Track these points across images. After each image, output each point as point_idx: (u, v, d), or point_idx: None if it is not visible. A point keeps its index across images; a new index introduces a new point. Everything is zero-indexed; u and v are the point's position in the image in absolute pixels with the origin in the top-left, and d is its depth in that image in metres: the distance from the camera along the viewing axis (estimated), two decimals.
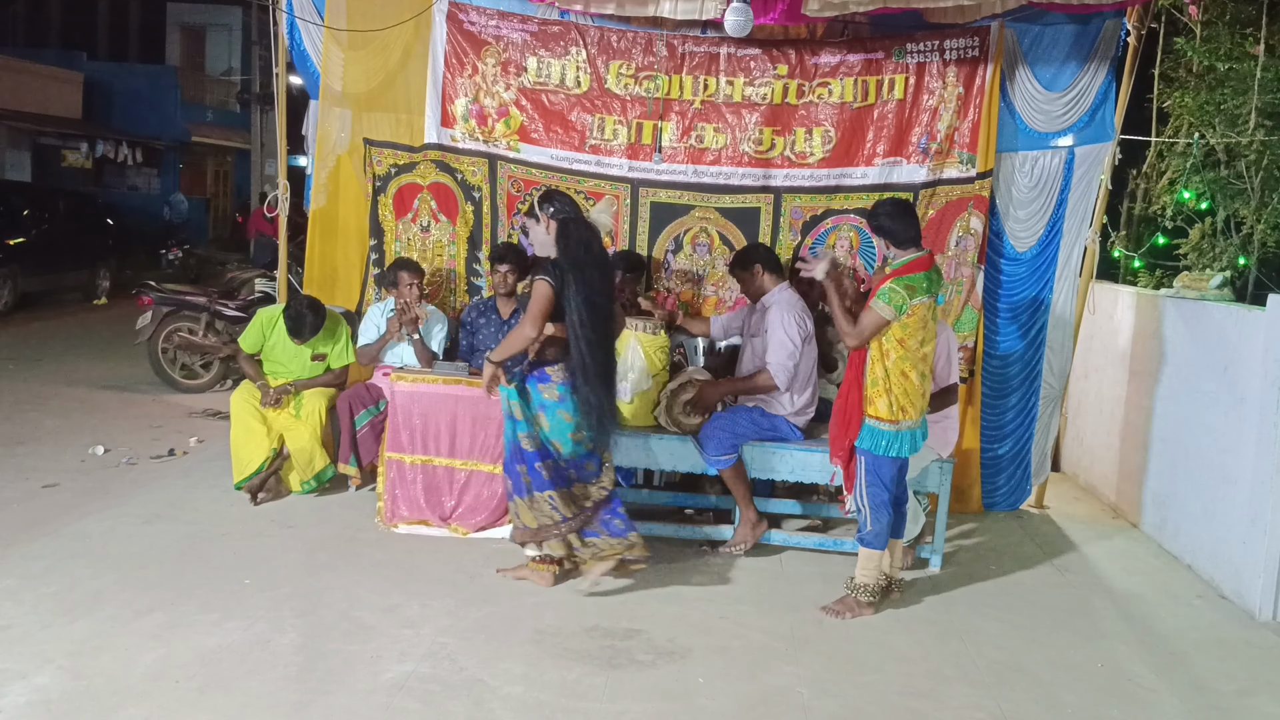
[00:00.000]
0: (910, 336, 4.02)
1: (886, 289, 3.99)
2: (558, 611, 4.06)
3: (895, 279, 4.01)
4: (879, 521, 4.14)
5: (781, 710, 3.37)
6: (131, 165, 21.40)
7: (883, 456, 4.10)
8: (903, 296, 3.97)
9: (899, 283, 3.99)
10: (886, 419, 4.07)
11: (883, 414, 4.06)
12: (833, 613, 4.16)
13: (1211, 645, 4.14)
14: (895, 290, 3.98)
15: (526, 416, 4.19)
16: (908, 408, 4.06)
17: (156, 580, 4.12)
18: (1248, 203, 5.48)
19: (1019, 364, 5.58)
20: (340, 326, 5.54)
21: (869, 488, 4.13)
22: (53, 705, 3.14)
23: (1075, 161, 5.42)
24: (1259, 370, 4.45)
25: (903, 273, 4.03)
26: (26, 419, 6.78)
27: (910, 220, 4.13)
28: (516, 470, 4.20)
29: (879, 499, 4.13)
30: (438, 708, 3.26)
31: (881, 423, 4.07)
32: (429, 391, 4.94)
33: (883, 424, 4.07)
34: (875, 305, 4.01)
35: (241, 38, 25.15)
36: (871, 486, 4.13)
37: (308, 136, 5.85)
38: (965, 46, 5.32)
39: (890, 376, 4.04)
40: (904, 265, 4.07)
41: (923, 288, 4.00)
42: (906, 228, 4.09)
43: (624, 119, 5.53)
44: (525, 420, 4.19)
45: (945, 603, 4.37)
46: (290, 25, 5.61)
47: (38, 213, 13.01)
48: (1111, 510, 5.95)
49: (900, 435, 4.08)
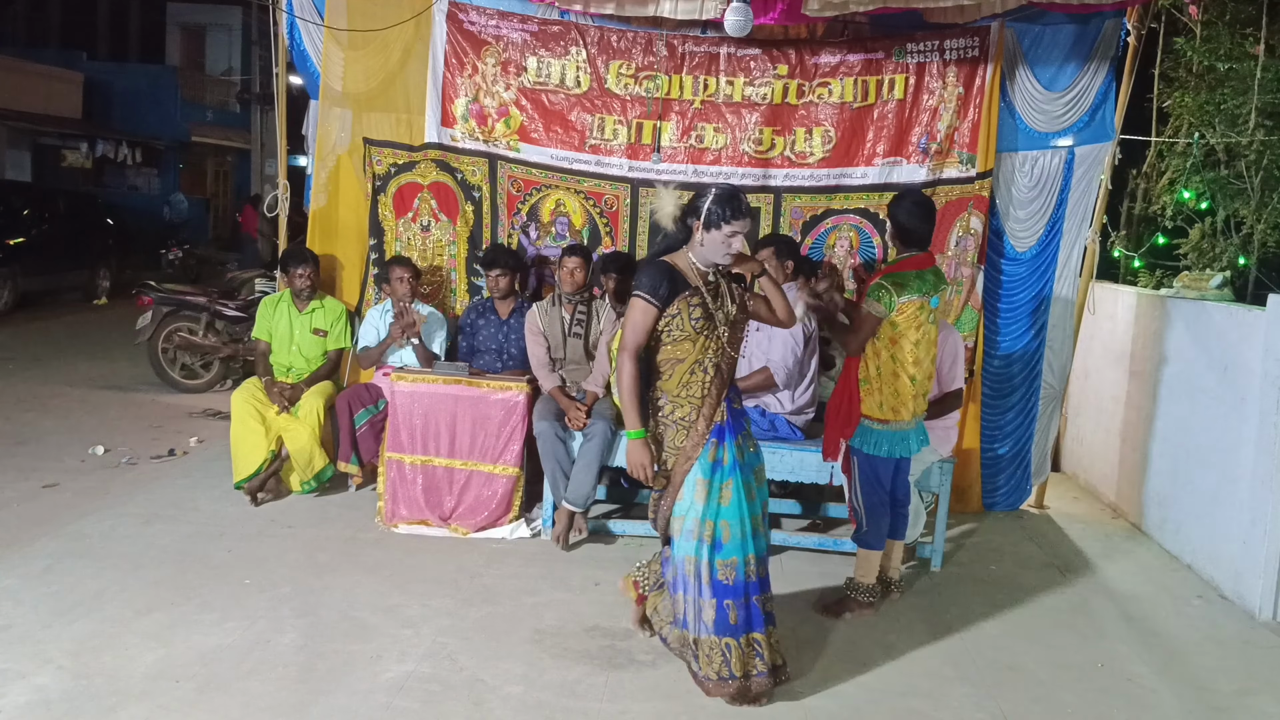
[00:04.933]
0: (902, 336, 3.98)
1: (875, 286, 3.98)
2: (558, 611, 4.06)
3: (884, 276, 4.00)
4: (874, 522, 4.13)
5: (782, 710, 3.37)
6: (131, 165, 21.41)
7: (874, 456, 4.09)
8: (890, 293, 3.93)
9: (887, 279, 3.97)
10: (877, 418, 4.05)
11: (873, 413, 4.05)
12: (831, 614, 4.15)
13: (1211, 645, 4.14)
14: (882, 287, 3.95)
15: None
16: (899, 408, 4.04)
17: (156, 580, 4.12)
18: (1248, 203, 5.48)
19: (1019, 364, 5.58)
20: (340, 308, 5.64)
21: (863, 487, 4.12)
22: (53, 705, 3.14)
23: (1075, 161, 5.43)
24: (1259, 370, 4.44)
25: (893, 270, 4.02)
26: (26, 419, 6.78)
27: (927, 224, 4.07)
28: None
29: (873, 499, 4.12)
30: (438, 708, 3.26)
31: (872, 422, 4.06)
32: (429, 391, 4.95)
33: (873, 423, 4.06)
34: (866, 304, 3.99)
35: (241, 38, 25.15)
36: (865, 485, 4.12)
37: (308, 136, 5.85)
38: (965, 46, 5.32)
39: (881, 376, 4.03)
40: (896, 263, 4.07)
41: (912, 286, 3.95)
42: (919, 228, 4.04)
43: (624, 119, 5.53)
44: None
45: (945, 603, 4.36)
46: (290, 25, 5.62)
47: (38, 213, 13.02)
48: (1111, 510, 5.95)
49: (892, 435, 4.06)
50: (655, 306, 3.32)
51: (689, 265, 3.39)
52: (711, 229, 3.31)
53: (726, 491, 3.36)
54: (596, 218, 5.66)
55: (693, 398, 3.38)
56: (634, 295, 3.35)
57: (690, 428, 3.37)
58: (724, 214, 3.29)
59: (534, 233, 5.71)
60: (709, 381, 3.38)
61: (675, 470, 3.39)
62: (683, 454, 3.37)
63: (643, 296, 3.32)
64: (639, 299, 3.33)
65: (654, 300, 3.32)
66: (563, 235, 5.70)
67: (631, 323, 3.35)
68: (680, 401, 3.39)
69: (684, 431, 3.38)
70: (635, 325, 3.34)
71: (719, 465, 3.36)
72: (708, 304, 3.36)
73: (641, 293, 3.33)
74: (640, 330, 3.34)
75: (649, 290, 3.31)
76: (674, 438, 3.39)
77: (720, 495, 3.35)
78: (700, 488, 3.34)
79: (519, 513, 5.00)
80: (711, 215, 3.30)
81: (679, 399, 3.39)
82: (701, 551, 3.33)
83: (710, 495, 3.34)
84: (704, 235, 3.33)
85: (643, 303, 3.32)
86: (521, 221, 5.69)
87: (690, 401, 3.38)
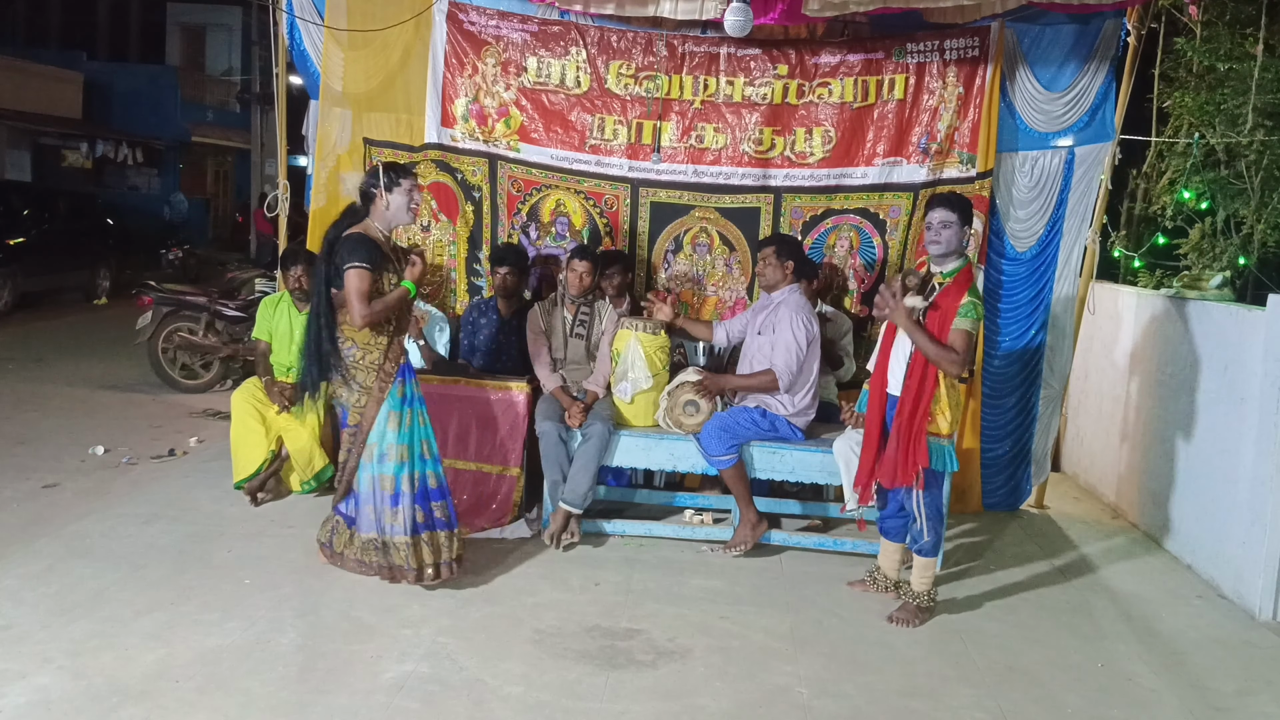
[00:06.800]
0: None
1: (969, 304, 3.94)
2: (558, 611, 4.06)
3: (970, 292, 3.98)
4: (935, 532, 4.14)
5: (781, 710, 3.37)
6: (131, 165, 21.42)
7: (941, 472, 4.11)
8: (981, 308, 4.01)
9: (973, 294, 3.98)
10: (945, 435, 4.05)
11: (943, 430, 4.04)
12: (900, 621, 4.13)
13: (1211, 645, 4.14)
14: (975, 303, 3.96)
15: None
16: (958, 417, 4.10)
17: (156, 580, 4.12)
18: (1248, 203, 5.48)
19: (1019, 364, 5.58)
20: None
21: (928, 503, 4.10)
22: (53, 705, 3.13)
23: (1075, 161, 5.42)
24: (1259, 370, 4.44)
25: (966, 284, 4.00)
26: (26, 419, 6.78)
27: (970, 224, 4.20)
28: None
29: (935, 510, 4.13)
30: (438, 708, 3.26)
31: (942, 439, 4.05)
32: (429, 391, 4.91)
33: (943, 440, 4.05)
34: (963, 324, 3.93)
35: (241, 38, 25.17)
36: (930, 500, 4.11)
37: (308, 136, 5.84)
38: (965, 46, 5.32)
39: (946, 392, 4.00)
40: (962, 273, 4.03)
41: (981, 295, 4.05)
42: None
43: (624, 119, 5.53)
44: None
45: (945, 603, 4.36)
46: (290, 25, 5.61)
47: (38, 213, 13.02)
48: (1111, 510, 5.95)
49: (951, 450, 4.10)
50: (370, 271, 3.97)
51: (376, 233, 4.11)
52: (394, 189, 4.07)
53: (409, 419, 4.14)
54: (596, 218, 5.66)
55: (380, 344, 4.09)
56: (355, 266, 3.94)
57: (379, 369, 4.09)
58: (395, 176, 4.09)
59: (534, 233, 5.71)
60: (392, 331, 4.14)
61: (368, 407, 4.08)
62: (374, 393, 4.08)
63: (362, 266, 3.95)
64: (362, 269, 3.94)
65: (370, 267, 3.97)
66: (563, 235, 5.70)
67: (359, 290, 3.94)
68: (370, 348, 4.09)
69: (374, 373, 4.08)
70: (363, 292, 3.94)
71: (404, 399, 4.13)
72: (396, 267, 4.11)
73: (362, 263, 3.95)
74: (367, 293, 3.97)
75: (367, 260, 3.97)
76: (365, 379, 4.08)
77: (404, 422, 4.12)
78: (393, 419, 4.10)
79: (519, 513, 5.00)
80: (390, 179, 4.07)
81: (369, 345, 4.08)
82: (390, 469, 4.09)
83: (400, 424, 4.10)
84: (389, 199, 4.07)
85: (364, 271, 3.96)
86: (521, 222, 5.69)
87: (378, 348, 4.09)
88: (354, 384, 4.09)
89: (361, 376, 4.08)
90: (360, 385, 4.08)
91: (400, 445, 4.11)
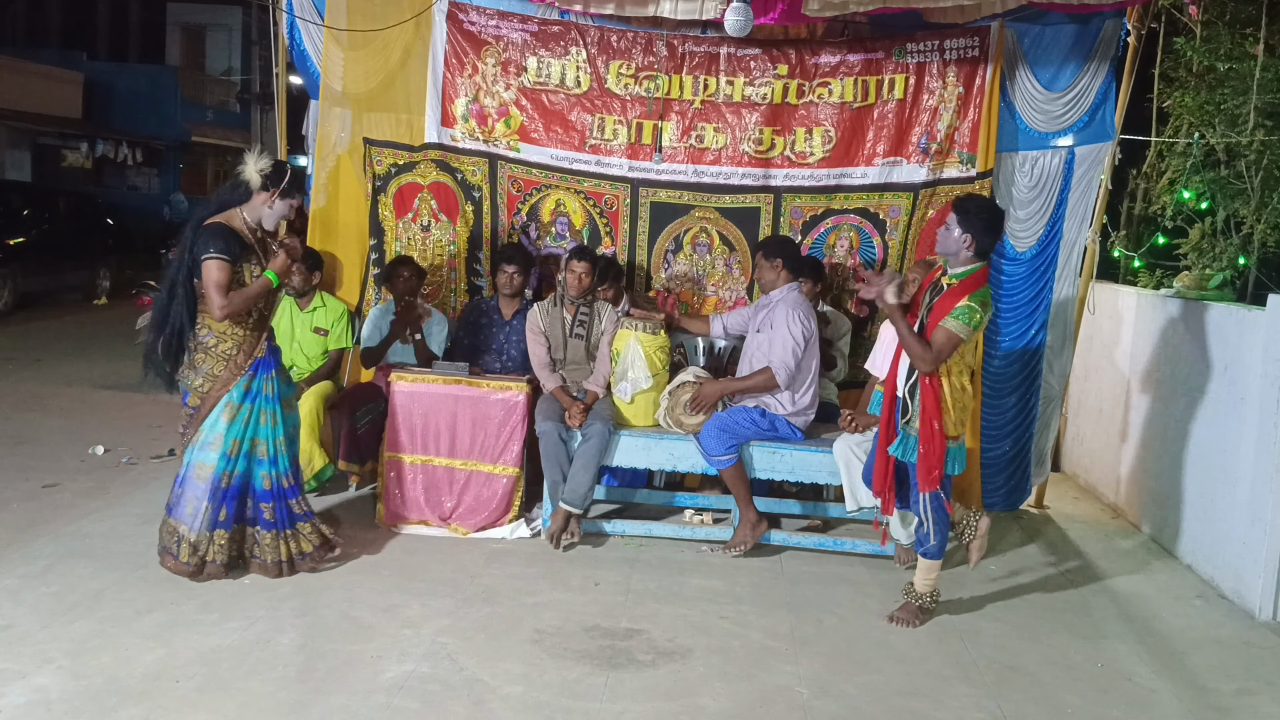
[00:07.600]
0: (968, 350, 4.00)
1: (965, 308, 3.88)
2: (558, 611, 4.06)
3: (971, 296, 3.91)
4: (940, 534, 4.13)
5: (781, 710, 3.37)
6: (131, 165, 21.41)
7: (949, 475, 4.10)
8: (980, 315, 3.91)
9: (975, 299, 3.91)
10: (953, 436, 4.03)
11: (950, 432, 4.01)
12: (900, 621, 4.13)
13: (1211, 645, 4.14)
14: (973, 309, 3.89)
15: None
16: (962, 419, 4.05)
17: (156, 580, 4.12)
18: (1248, 203, 5.47)
19: (1019, 364, 5.58)
20: (342, 308, 5.62)
21: (934, 506, 4.08)
22: (53, 705, 3.13)
23: (1075, 161, 5.42)
24: (1259, 370, 4.44)
25: (973, 288, 3.94)
26: (26, 419, 6.78)
27: (998, 233, 4.07)
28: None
29: (942, 512, 4.12)
30: (438, 708, 3.26)
31: (950, 441, 4.03)
32: (429, 391, 4.94)
33: (951, 442, 4.03)
34: (952, 325, 3.88)
35: (241, 38, 25.16)
36: (936, 502, 4.09)
37: (308, 136, 5.84)
38: (965, 46, 5.32)
39: (950, 393, 3.99)
40: (970, 278, 3.96)
41: (989, 301, 3.97)
42: (993, 239, 4.02)
43: (624, 119, 5.53)
44: None
45: (945, 603, 4.36)
46: (290, 25, 5.61)
47: (38, 213, 13.02)
48: (1111, 510, 5.95)
49: (960, 451, 4.08)
50: (229, 263, 3.96)
51: (242, 224, 4.10)
52: (286, 198, 4.13)
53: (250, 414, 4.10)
54: (596, 218, 5.66)
55: (236, 335, 4.08)
56: (213, 257, 3.94)
57: (230, 360, 4.08)
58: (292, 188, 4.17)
59: (534, 233, 5.71)
60: (253, 323, 4.12)
61: (210, 394, 4.06)
62: (220, 381, 4.07)
63: (220, 257, 3.95)
64: (221, 260, 3.95)
65: (229, 258, 3.96)
66: (563, 235, 5.70)
67: (217, 281, 3.94)
68: (225, 337, 4.08)
69: (224, 363, 4.07)
70: (221, 283, 3.94)
71: (249, 394, 4.10)
72: (260, 258, 4.10)
73: (219, 254, 3.95)
74: (225, 285, 3.96)
75: (224, 251, 3.96)
76: (213, 367, 4.07)
77: (242, 417, 4.08)
78: (229, 410, 4.07)
79: (519, 513, 5.00)
80: (288, 187, 4.12)
81: (224, 335, 4.08)
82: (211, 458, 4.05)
83: (235, 417, 4.07)
84: (276, 202, 4.11)
85: (222, 262, 3.95)
86: (521, 221, 5.69)
87: (234, 338, 4.07)
88: (201, 369, 4.07)
89: (210, 364, 4.07)
90: (206, 372, 4.07)
91: (231, 439, 4.07)
